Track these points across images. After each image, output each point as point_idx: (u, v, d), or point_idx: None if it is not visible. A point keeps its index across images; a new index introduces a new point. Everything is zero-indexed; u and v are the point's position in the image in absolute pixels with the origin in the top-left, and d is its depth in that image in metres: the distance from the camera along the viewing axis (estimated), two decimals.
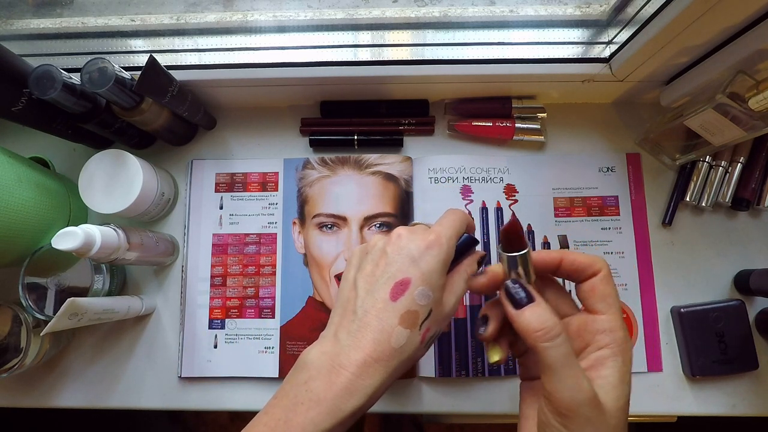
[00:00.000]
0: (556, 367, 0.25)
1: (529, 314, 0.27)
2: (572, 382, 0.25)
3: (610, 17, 0.47)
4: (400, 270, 0.30)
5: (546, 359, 0.26)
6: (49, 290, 0.45)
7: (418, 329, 0.29)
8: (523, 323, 0.27)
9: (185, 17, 0.49)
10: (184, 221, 0.52)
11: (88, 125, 0.45)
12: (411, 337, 0.29)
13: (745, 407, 0.47)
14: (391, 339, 0.28)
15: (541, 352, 0.26)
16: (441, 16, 0.48)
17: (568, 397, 0.25)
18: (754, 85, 0.37)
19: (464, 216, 0.33)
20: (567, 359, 0.26)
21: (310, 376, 0.28)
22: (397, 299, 0.29)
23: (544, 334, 0.26)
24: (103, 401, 0.49)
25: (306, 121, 0.54)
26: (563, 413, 0.25)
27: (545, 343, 0.26)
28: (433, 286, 0.30)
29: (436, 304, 0.30)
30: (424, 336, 0.30)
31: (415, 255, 0.30)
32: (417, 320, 0.29)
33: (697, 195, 0.50)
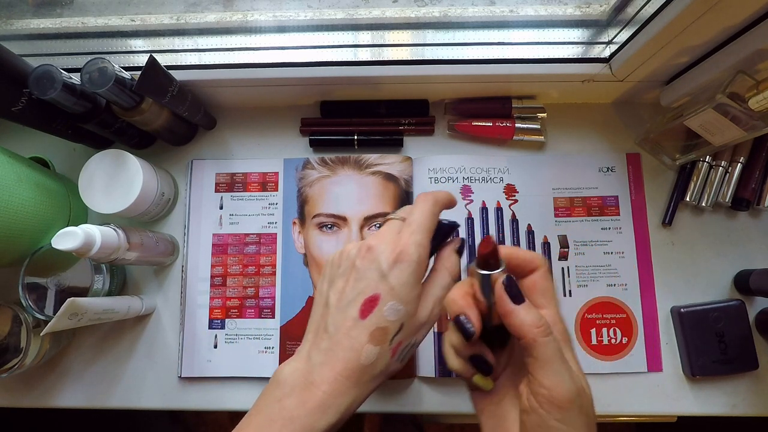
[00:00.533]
0: (553, 360, 0.26)
1: (526, 312, 0.27)
2: (567, 374, 0.26)
3: (610, 17, 0.47)
4: (369, 286, 0.30)
5: (544, 354, 0.26)
6: (49, 290, 0.45)
7: (389, 345, 0.29)
8: (523, 319, 0.27)
9: (185, 17, 0.49)
10: (184, 221, 0.52)
11: (88, 125, 0.45)
12: (381, 353, 0.29)
13: (745, 407, 0.47)
14: (361, 357, 0.29)
15: (539, 347, 0.26)
16: (441, 16, 0.48)
17: (568, 391, 0.25)
18: (754, 85, 0.37)
19: (435, 203, 0.32)
20: (561, 353, 0.26)
21: (284, 393, 0.29)
22: (366, 317, 0.29)
23: (542, 330, 0.26)
24: (103, 401, 0.49)
25: (306, 121, 0.54)
26: (562, 407, 0.25)
27: (544, 338, 0.26)
28: (403, 299, 0.29)
29: (408, 317, 0.30)
30: (395, 351, 0.30)
31: (384, 269, 0.29)
32: (387, 336, 0.29)
33: (697, 195, 0.49)
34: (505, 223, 0.51)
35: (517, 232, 0.50)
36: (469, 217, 0.51)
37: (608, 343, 0.48)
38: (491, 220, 0.51)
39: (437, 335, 0.48)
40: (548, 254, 0.50)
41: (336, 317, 0.30)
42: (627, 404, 0.47)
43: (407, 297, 0.29)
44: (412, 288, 0.30)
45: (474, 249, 0.50)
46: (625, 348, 0.48)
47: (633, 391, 0.48)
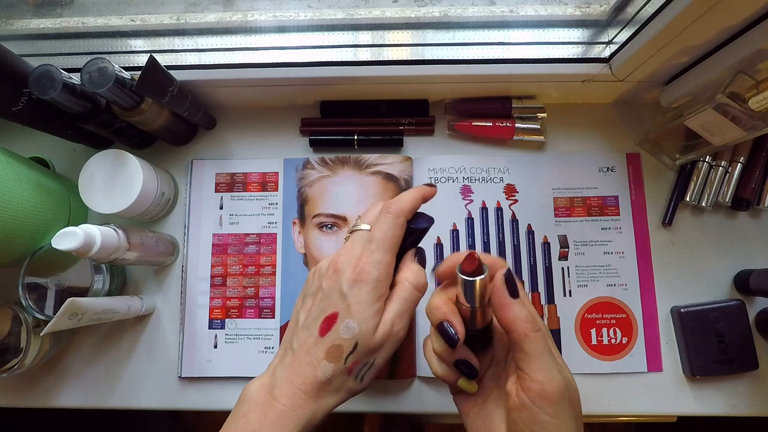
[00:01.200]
0: (544, 354, 0.27)
1: (520, 307, 0.28)
2: (556, 368, 0.27)
3: (610, 17, 0.47)
4: (330, 305, 0.31)
5: (535, 348, 0.27)
6: (49, 290, 0.45)
7: (343, 363, 0.30)
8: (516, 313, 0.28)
9: (185, 17, 0.49)
10: (184, 221, 0.52)
11: (88, 125, 0.45)
12: (336, 371, 0.30)
13: (745, 407, 0.47)
14: (318, 372, 0.30)
15: (530, 342, 0.27)
16: (441, 16, 0.48)
17: (557, 383, 0.27)
18: (754, 85, 0.37)
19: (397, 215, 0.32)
20: (549, 347, 0.28)
21: (249, 408, 0.30)
22: (324, 334, 0.30)
23: (533, 325, 0.28)
24: (103, 401, 0.49)
25: (306, 121, 0.54)
26: (553, 400, 0.26)
27: (535, 333, 0.28)
28: (359, 317, 0.30)
29: (363, 335, 0.30)
30: (350, 370, 0.30)
31: (344, 290, 0.30)
32: (341, 354, 0.30)
33: (697, 195, 0.50)
34: (505, 223, 0.51)
35: (517, 232, 0.50)
36: (469, 217, 0.51)
37: (608, 343, 0.48)
38: (491, 220, 0.51)
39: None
40: (548, 254, 0.50)
41: (300, 334, 0.31)
42: (627, 404, 0.47)
43: (363, 315, 0.30)
44: (368, 306, 0.30)
45: (474, 249, 0.50)
46: (625, 348, 0.48)
47: (633, 391, 0.48)
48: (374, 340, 0.30)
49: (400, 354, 0.48)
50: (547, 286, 0.49)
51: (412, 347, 0.48)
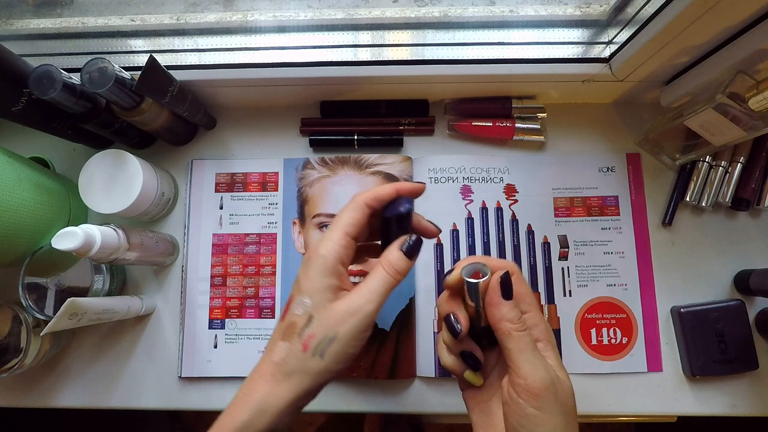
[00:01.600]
0: (528, 351, 0.29)
1: (508, 308, 0.30)
2: (541, 364, 0.28)
3: (610, 17, 0.47)
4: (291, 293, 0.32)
5: (518, 345, 0.29)
6: (49, 290, 0.45)
7: (299, 338, 0.30)
8: (504, 313, 0.30)
9: (185, 17, 0.49)
10: (184, 221, 0.52)
11: (88, 125, 0.45)
12: (290, 348, 0.30)
13: (745, 407, 0.47)
14: (273, 354, 0.30)
15: (513, 340, 0.29)
16: (441, 16, 0.48)
17: (540, 377, 0.28)
18: (754, 85, 0.37)
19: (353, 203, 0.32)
20: (534, 346, 0.29)
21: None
22: (283, 318, 0.31)
23: (518, 327, 0.29)
24: (103, 401, 0.49)
25: (306, 121, 0.54)
26: (537, 394, 0.28)
27: (519, 332, 0.29)
28: (308, 291, 0.30)
29: (317, 308, 0.30)
30: (306, 344, 0.29)
31: (299, 272, 0.31)
32: (294, 330, 0.30)
33: (697, 195, 0.50)
34: (505, 223, 0.51)
35: (517, 232, 0.50)
36: (469, 217, 0.51)
37: (608, 343, 0.48)
38: (491, 220, 0.51)
39: (436, 336, 0.48)
40: (548, 254, 0.50)
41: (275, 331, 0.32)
42: (627, 404, 0.47)
43: (312, 288, 0.30)
44: (318, 280, 0.30)
45: (474, 249, 0.50)
46: (625, 348, 0.48)
47: (633, 391, 0.48)
48: (332, 311, 0.29)
49: (400, 354, 0.48)
50: (547, 286, 0.49)
51: (412, 348, 0.48)
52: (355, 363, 0.47)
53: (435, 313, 0.48)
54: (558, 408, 0.28)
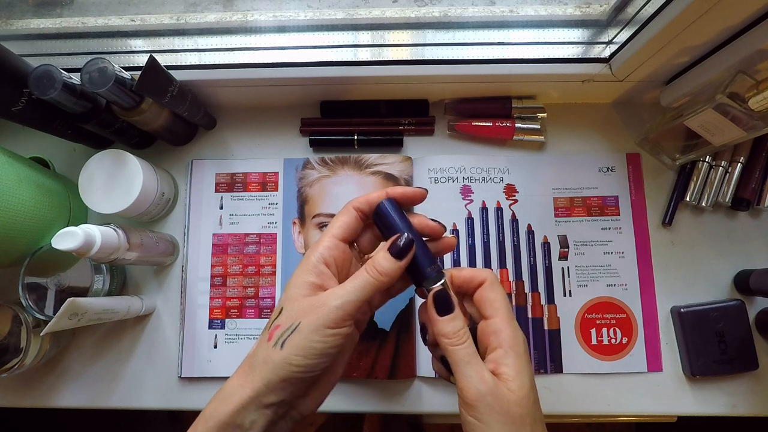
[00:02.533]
0: (462, 364, 0.29)
1: (444, 323, 0.31)
2: (476, 376, 0.29)
3: (610, 17, 0.47)
4: None
5: (455, 358, 0.30)
6: (49, 290, 0.45)
7: (267, 330, 0.30)
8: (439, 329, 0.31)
9: (185, 17, 0.49)
10: (184, 221, 0.52)
11: (88, 125, 0.45)
12: (261, 340, 0.30)
13: (745, 407, 0.47)
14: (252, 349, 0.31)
15: (451, 354, 0.30)
16: (441, 16, 0.48)
17: (474, 389, 0.28)
18: (754, 85, 0.37)
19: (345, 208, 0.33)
20: (471, 358, 0.30)
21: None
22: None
23: (453, 339, 0.30)
24: (103, 401, 0.49)
25: (306, 121, 0.54)
26: (470, 404, 0.28)
27: (453, 347, 0.30)
28: (289, 286, 0.31)
29: (289, 299, 0.30)
30: (271, 333, 0.30)
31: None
32: (269, 323, 0.31)
33: (697, 195, 0.50)
34: (505, 223, 0.51)
35: (517, 232, 0.50)
36: (469, 217, 0.51)
37: (608, 343, 0.48)
38: (491, 220, 0.51)
39: None
40: (548, 254, 0.50)
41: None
42: (627, 404, 0.47)
43: (290, 283, 0.31)
44: (297, 276, 0.31)
45: (474, 249, 0.50)
46: (625, 348, 0.48)
47: (633, 391, 0.48)
48: (300, 303, 0.29)
49: (400, 354, 0.48)
50: (547, 286, 0.49)
51: (412, 348, 0.48)
52: (354, 363, 0.47)
53: None
54: (497, 418, 0.28)
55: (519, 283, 0.49)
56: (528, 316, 0.49)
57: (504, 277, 0.50)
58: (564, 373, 0.48)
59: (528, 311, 0.49)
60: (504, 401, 0.28)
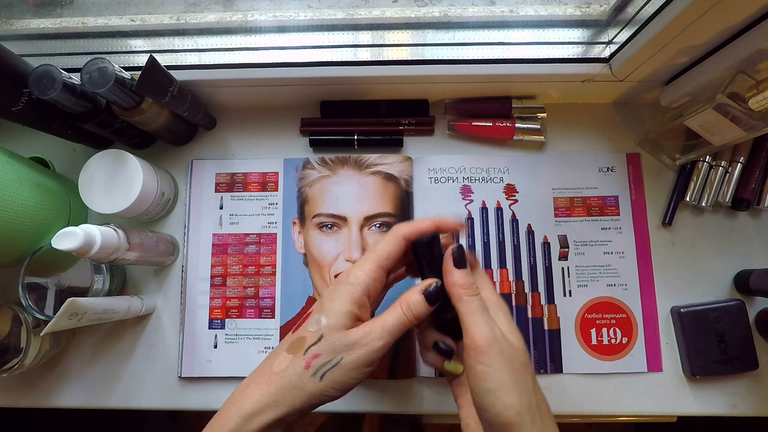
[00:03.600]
0: (475, 313, 0.30)
1: (460, 274, 0.32)
2: (488, 324, 0.30)
3: (610, 17, 0.47)
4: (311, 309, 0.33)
5: (469, 307, 0.31)
6: (49, 290, 0.45)
7: (303, 354, 0.30)
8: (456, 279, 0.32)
9: (185, 17, 0.49)
10: (184, 221, 0.52)
11: (88, 125, 0.45)
12: (293, 362, 0.30)
13: (745, 407, 0.47)
14: (274, 363, 0.31)
15: (465, 304, 0.31)
16: (441, 16, 0.48)
17: (486, 335, 0.30)
18: (754, 85, 0.37)
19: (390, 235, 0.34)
20: (483, 308, 0.31)
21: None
22: (295, 331, 0.32)
23: (468, 291, 0.31)
24: (103, 401, 0.49)
25: (306, 121, 0.54)
26: (481, 350, 0.29)
27: (468, 296, 0.31)
28: (327, 311, 0.31)
29: (329, 329, 0.30)
30: (309, 363, 0.30)
31: (323, 295, 0.33)
32: (303, 345, 0.30)
33: (697, 195, 0.50)
34: (505, 223, 0.51)
35: (517, 232, 0.50)
36: (469, 217, 0.51)
37: (608, 343, 0.48)
38: (491, 220, 0.51)
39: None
40: (548, 254, 0.50)
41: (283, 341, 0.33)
42: (627, 404, 0.47)
43: (331, 309, 0.31)
44: (340, 303, 0.31)
45: (474, 249, 0.50)
46: (625, 348, 0.48)
47: (633, 391, 0.48)
48: (345, 337, 0.30)
49: (400, 354, 0.48)
50: (547, 286, 0.49)
51: (412, 348, 0.48)
52: None
53: None
54: (504, 365, 0.29)
55: (519, 283, 0.49)
56: (528, 316, 0.49)
57: (504, 277, 0.50)
58: (564, 373, 0.48)
59: (528, 311, 0.49)
60: (510, 349, 0.30)
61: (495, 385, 0.29)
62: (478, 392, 0.29)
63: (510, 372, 0.29)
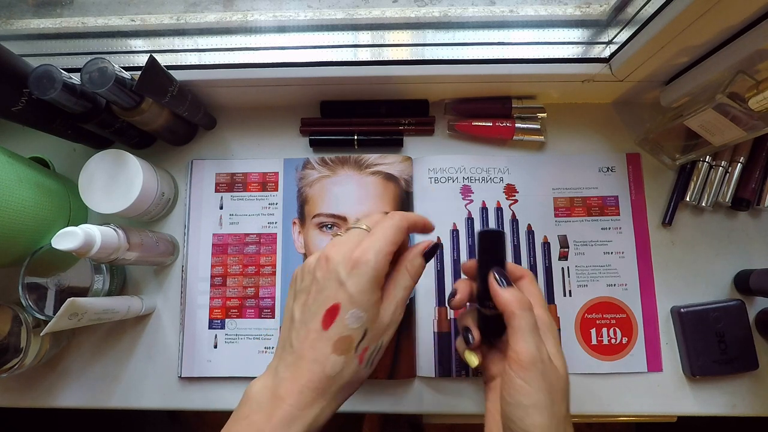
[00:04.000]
0: (525, 330, 0.31)
1: (510, 292, 0.33)
2: (535, 343, 0.31)
3: (610, 17, 0.47)
4: (329, 296, 0.30)
5: (519, 324, 0.31)
6: (49, 290, 0.45)
7: (354, 352, 0.30)
8: (507, 296, 0.33)
9: (185, 17, 0.49)
10: (184, 221, 0.52)
11: (88, 125, 0.45)
12: (347, 362, 0.30)
13: (745, 407, 0.47)
14: (326, 368, 0.29)
15: (516, 319, 0.32)
16: (441, 16, 0.48)
17: (531, 354, 0.30)
18: (754, 85, 0.37)
19: (403, 218, 0.33)
20: (534, 327, 0.32)
21: (252, 409, 0.29)
22: (328, 327, 0.30)
23: (521, 305, 0.32)
24: (103, 401, 0.49)
25: (306, 121, 0.54)
26: (525, 366, 0.30)
27: (521, 312, 0.32)
28: (364, 305, 0.30)
29: (371, 321, 0.30)
30: (361, 357, 0.30)
31: (342, 277, 0.30)
32: (351, 344, 0.30)
33: (697, 195, 0.50)
34: (505, 223, 0.51)
35: (517, 232, 0.50)
36: (469, 217, 0.51)
37: (608, 343, 0.48)
38: (491, 220, 0.51)
39: (436, 336, 0.48)
40: (548, 254, 0.50)
41: (300, 331, 0.31)
42: (627, 404, 0.47)
43: (367, 303, 0.30)
44: (371, 294, 0.30)
45: (474, 249, 0.50)
46: (625, 348, 0.48)
47: (633, 391, 0.48)
48: (383, 323, 0.31)
49: (400, 354, 0.48)
50: (547, 286, 0.49)
51: (412, 348, 0.48)
52: None
53: (435, 314, 0.48)
54: (544, 386, 0.30)
55: None
56: None
57: None
58: None
59: None
60: (552, 373, 0.31)
61: (529, 402, 0.29)
62: (511, 403, 0.30)
63: (547, 394, 0.30)
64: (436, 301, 0.49)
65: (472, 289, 0.36)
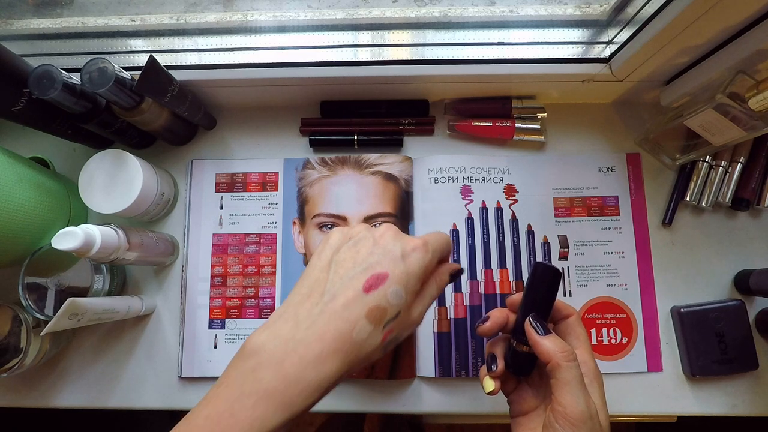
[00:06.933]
0: (573, 383, 0.30)
1: (551, 340, 0.32)
2: (584, 398, 0.30)
3: (610, 17, 0.47)
4: (381, 263, 0.29)
5: (566, 376, 0.30)
6: (49, 290, 0.45)
7: (382, 328, 0.28)
8: (550, 346, 0.31)
9: (185, 17, 0.49)
10: (184, 221, 0.52)
11: (88, 125, 0.45)
12: (372, 334, 0.28)
13: (745, 407, 0.47)
14: (354, 331, 0.27)
15: (563, 371, 0.30)
16: (441, 16, 0.48)
17: (580, 411, 0.29)
18: (754, 85, 0.37)
19: (449, 239, 0.34)
20: (581, 380, 0.31)
21: (259, 363, 0.26)
22: (369, 291, 0.28)
23: (566, 356, 0.31)
24: (103, 401, 0.49)
25: (306, 121, 0.54)
26: (574, 424, 0.29)
27: (567, 363, 0.30)
28: (408, 288, 0.29)
29: (405, 307, 0.29)
30: (385, 336, 0.28)
31: (398, 253, 0.30)
32: (383, 318, 0.28)
33: (697, 195, 0.50)
34: (505, 223, 0.51)
35: (517, 232, 0.50)
36: (469, 217, 0.51)
37: (608, 343, 0.48)
38: (491, 220, 0.51)
39: (437, 335, 0.48)
40: (548, 254, 0.50)
41: (337, 284, 0.28)
42: (627, 404, 0.47)
43: (412, 287, 0.30)
44: (416, 281, 0.30)
45: (474, 249, 0.50)
46: (625, 348, 0.48)
47: (633, 391, 0.48)
48: (410, 316, 0.30)
49: (400, 354, 0.48)
50: None
51: (412, 348, 0.48)
52: None
53: (435, 314, 0.49)
54: None
55: (519, 283, 0.49)
56: None
57: (504, 277, 0.50)
58: None
59: None
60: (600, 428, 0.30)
61: None
62: None
63: None
64: (437, 301, 0.49)
65: (507, 320, 0.35)
